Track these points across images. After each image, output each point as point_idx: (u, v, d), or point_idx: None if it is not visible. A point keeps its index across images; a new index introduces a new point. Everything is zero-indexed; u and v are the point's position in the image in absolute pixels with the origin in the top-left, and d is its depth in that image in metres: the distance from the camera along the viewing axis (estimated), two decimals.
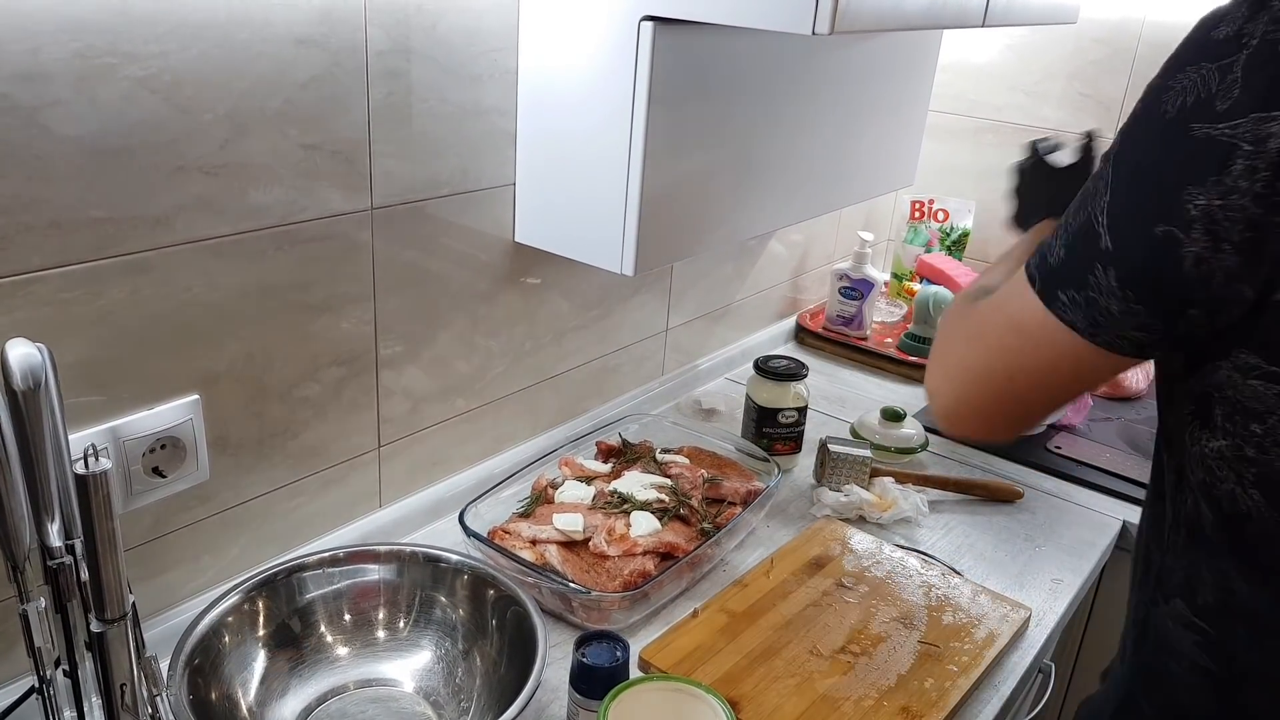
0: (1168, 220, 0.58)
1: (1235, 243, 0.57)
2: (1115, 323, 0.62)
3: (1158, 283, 0.60)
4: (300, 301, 0.93)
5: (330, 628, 0.92)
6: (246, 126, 0.83)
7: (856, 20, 0.85)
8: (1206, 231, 0.57)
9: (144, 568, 0.89)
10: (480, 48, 1.00)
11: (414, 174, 0.99)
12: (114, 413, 0.82)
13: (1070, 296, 0.63)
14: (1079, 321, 0.63)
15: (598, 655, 0.83)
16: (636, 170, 0.98)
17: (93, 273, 0.77)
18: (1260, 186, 0.55)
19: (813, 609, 1.03)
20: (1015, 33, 1.71)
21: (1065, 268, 0.64)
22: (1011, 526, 1.25)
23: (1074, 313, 0.63)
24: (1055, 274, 0.64)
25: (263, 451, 0.95)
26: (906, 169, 1.52)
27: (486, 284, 1.12)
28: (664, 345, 1.48)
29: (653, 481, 1.14)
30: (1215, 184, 0.56)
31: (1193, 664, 0.69)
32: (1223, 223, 0.57)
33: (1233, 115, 0.56)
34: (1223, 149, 0.56)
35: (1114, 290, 0.61)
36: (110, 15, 0.72)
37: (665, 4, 0.91)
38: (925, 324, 1.65)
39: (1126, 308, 0.61)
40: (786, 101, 1.16)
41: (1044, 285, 0.65)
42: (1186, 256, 0.58)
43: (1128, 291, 0.61)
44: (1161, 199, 0.59)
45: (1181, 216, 0.58)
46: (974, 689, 0.95)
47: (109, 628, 0.63)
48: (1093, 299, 0.62)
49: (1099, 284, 0.62)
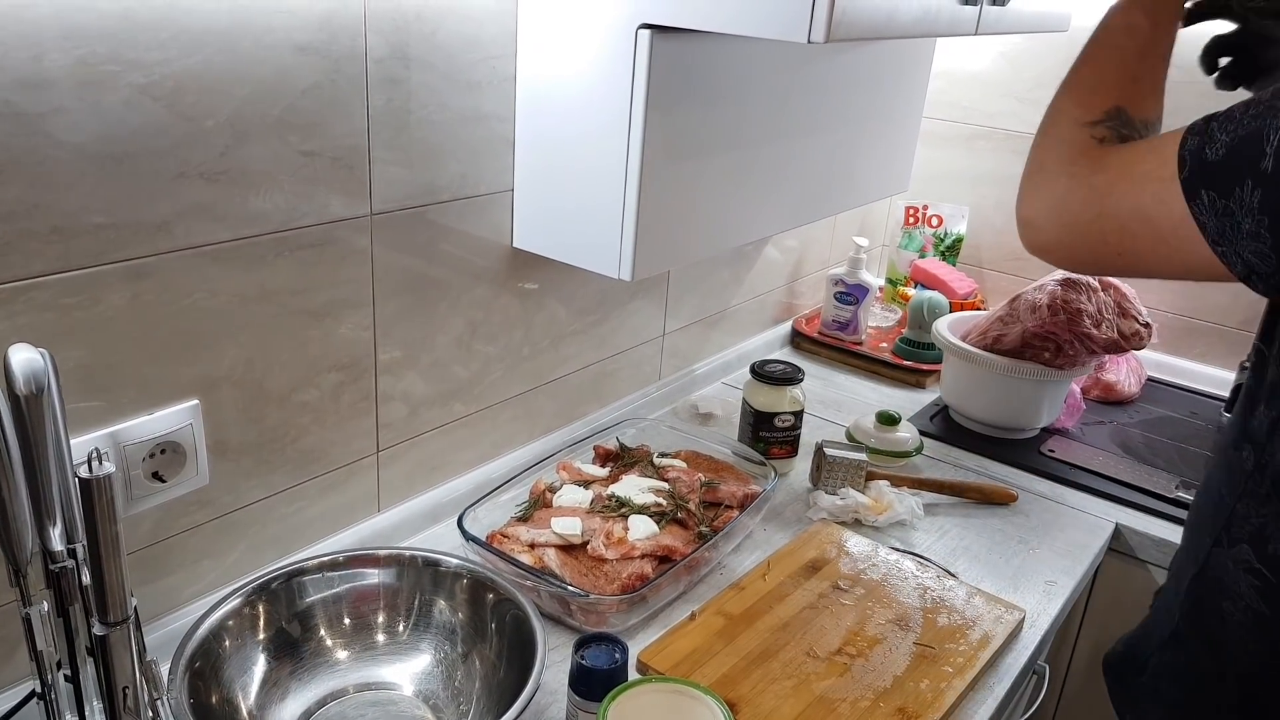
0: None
1: None
2: (1241, 240, 0.62)
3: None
4: (300, 307, 0.93)
5: (330, 631, 0.93)
6: (247, 133, 0.83)
7: (851, 29, 0.86)
8: None
9: (144, 572, 0.89)
10: (479, 55, 1.01)
11: (413, 180, 0.99)
12: (114, 418, 0.82)
13: (1211, 198, 0.63)
14: (1209, 224, 0.64)
15: (596, 657, 0.83)
16: (634, 176, 0.99)
17: (94, 278, 0.78)
18: None
19: (809, 611, 1.03)
20: (1008, 40, 1.73)
21: (1221, 169, 0.63)
22: (1006, 529, 1.25)
23: (1208, 215, 0.64)
24: (1208, 172, 0.64)
25: (262, 456, 0.95)
26: (901, 175, 1.53)
27: (484, 289, 1.12)
28: (661, 350, 1.48)
29: (650, 485, 1.15)
30: None
31: (1248, 607, 0.70)
32: None
33: None
34: None
35: (1253, 209, 0.61)
36: (112, 22, 0.73)
37: (662, 12, 0.92)
38: (920, 329, 1.66)
39: (1256, 231, 0.61)
40: (782, 108, 1.17)
41: (1190, 177, 0.65)
42: None
43: (1263, 217, 0.61)
44: None
45: None
46: (969, 690, 0.96)
47: (111, 631, 0.64)
48: (1230, 209, 0.62)
49: (1242, 198, 0.62)
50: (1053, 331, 1.38)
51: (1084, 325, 1.37)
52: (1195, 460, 1.45)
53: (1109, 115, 0.77)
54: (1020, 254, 1.82)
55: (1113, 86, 0.78)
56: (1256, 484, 0.71)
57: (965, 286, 1.77)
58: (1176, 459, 1.45)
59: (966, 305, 1.73)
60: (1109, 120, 0.77)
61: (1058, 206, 0.75)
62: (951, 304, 1.70)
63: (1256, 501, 0.71)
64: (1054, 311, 1.38)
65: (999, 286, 1.84)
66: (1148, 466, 1.42)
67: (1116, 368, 1.63)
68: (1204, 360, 1.71)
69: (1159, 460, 1.44)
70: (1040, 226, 0.77)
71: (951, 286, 1.75)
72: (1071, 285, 1.40)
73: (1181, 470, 1.41)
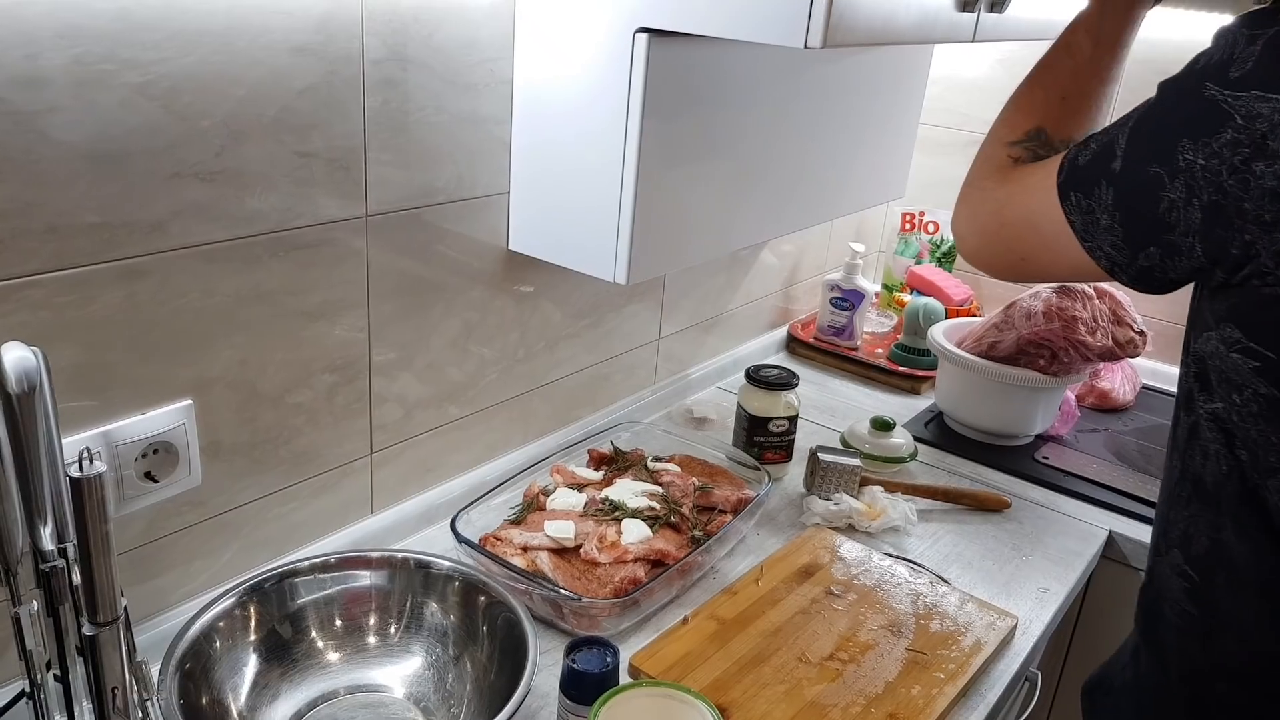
0: (1160, 163, 0.64)
1: (1203, 202, 0.62)
2: (1100, 234, 0.70)
3: (1136, 213, 0.67)
4: (294, 308, 0.93)
5: (321, 633, 0.92)
6: (243, 133, 0.83)
7: (848, 34, 0.86)
8: (1185, 185, 0.63)
9: (136, 572, 0.89)
10: (476, 57, 1.01)
11: (409, 182, 0.99)
12: (107, 417, 0.82)
13: (1078, 198, 0.71)
14: (1077, 223, 0.71)
15: (588, 661, 0.83)
16: (630, 180, 0.99)
17: (88, 277, 0.77)
18: (1238, 161, 0.60)
19: (801, 616, 1.03)
20: (1006, 47, 1.73)
21: (1085, 171, 0.71)
22: (999, 536, 1.26)
23: (1076, 214, 0.71)
24: (1076, 175, 0.72)
25: (255, 457, 0.95)
26: (898, 181, 1.53)
27: (480, 291, 1.12)
28: (656, 354, 1.48)
29: (644, 489, 1.15)
30: (1204, 145, 0.62)
31: (1182, 610, 0.74)
32: (1200, 180, 0.62)
33: (1239, 86, 0.60)
34: (1220, 115, 0.61)
35: (1107, 206, 0.69)
36: (108, 22, 0.73)
37: (660, 17, 0.92)
38: (915, 335, 1.67)
39: (1110, 225, 0.69)
40: (779, 113, 1.17)
41: (1065, 180, 0.73)
42: (1163, 199, 0.64)
43: (1115, 212, 0.68)
44: (1163, 143, 0.64)
45: (1172, 164, 0.64)
46: (960, 697, 0.96)
47: (101, 631, 0.63)
48: (1091, 207, 0.70)
49: (1100, 197, 0.69)
50: (1047, 339, 1.38)
51: (1079, 332, 1.37)
52: None
53: (1029, 135, 0.84)
54: None
55: (1040, 106, 0.85)
56: (1180, 489, 0.74)
57: (961, 293, 1.78)
58: None
59: (962, 312, 1.73)
60: (1028, 140, 0.83)
61: (974, 218, 0.83)
62: (947, 310, 1.70)
63: (1181, 505, 0.74)
64: (1049, 319, 1.38)
65: (995, 293, 1.84)
66: (1142, 474, 1.42)
67: (1111, 375, 1.64)
68: None
69: (1153, 468, 1.44)
70: (963, 236, 0.85)
71: (947, 293, 1.76)
72: (1066, 293, 1.40)
73: None
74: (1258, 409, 0.65)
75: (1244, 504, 0.68)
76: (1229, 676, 0.73)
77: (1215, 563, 0.71)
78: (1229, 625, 0.72)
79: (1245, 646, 0.71)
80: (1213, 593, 0.72)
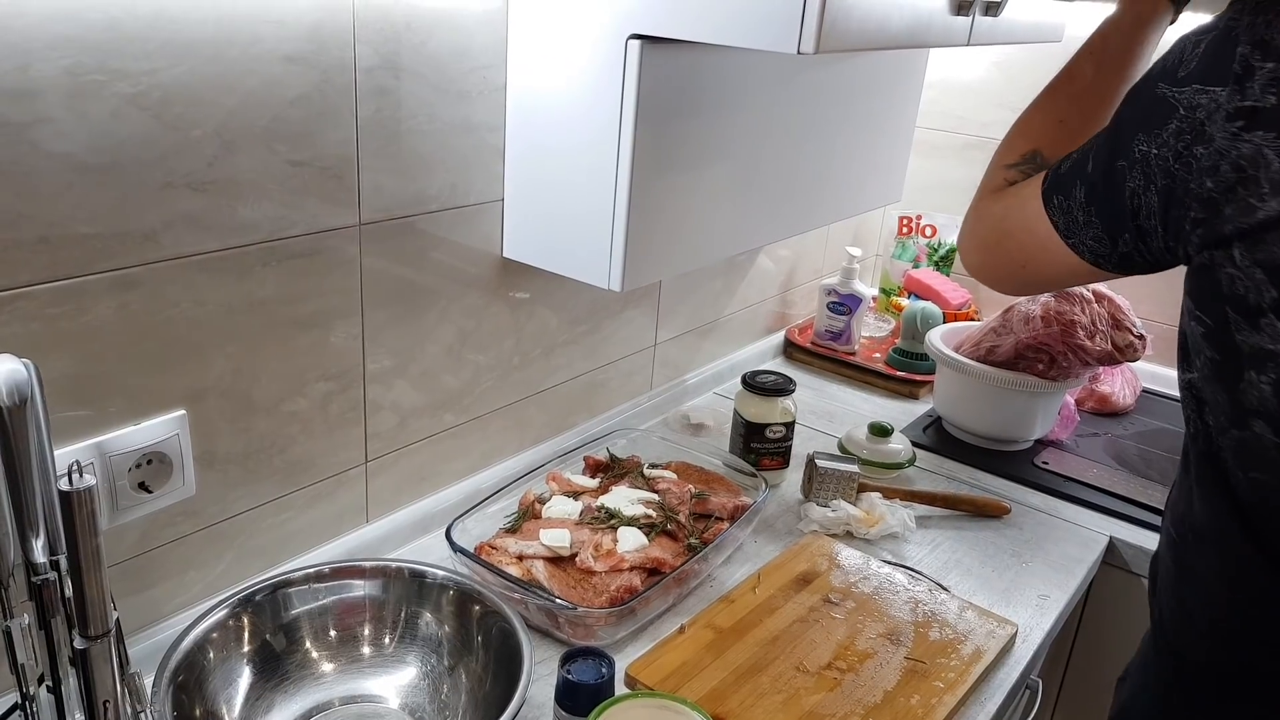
0: (1124, 156, 0.72)
1: (1158, 187, 0.69)
2: (1080, 230, 0.78)
3: (1107, 205, 0.74)
4: (288, 316, 0.93)
5: (315, 644, 0.92)
6: (235, 143, 0.83)
7: (841, 40, 0.85)
8: (1142, 173, 0.70)
9: (130, 583, 0.88)
10: (469, 65, 1.01)
11: (403, 190, 0.99)
12: (100, 428, 0.82)
13: (1059, 201, 0.79)
14: (1060, 223, 0.80)
15: (583, 672, 0.83)
16: (624, 187, 0.99)
17: (80, 288, 0.77)
18: (1181, 146, 0.67)
19: (799, 625, 1.03)
20: (1002, 50, 1.73)
21: (1064, 178, 0.79)
22: (999, 542, 1.25)
23: (1058, 215, 0.80)
24: (1057, 180, 0.80)
25: (249, 466, 0.95)
26: (894, 185, 1.53)
27: (475, 299, 1.12)
28: (652, 360, 1.48)
29: (640, 497, 1.14)
30: (1155, 136, 0.69)
31: (1167, 569, 0.82)
32: (1153, 167, 0.69)
33: (1184, 82, 0.68)
34: (1167, 108, 0.69)
35: (1082, 203, 0.77)
36: (99, 32, 0.72)
37: (652, 23, 0.92)
38: (913, 339, 1.66)
39: (1088, 219, 0.77)
40: (774, 118, 1.17)
41: (1048, 187, 0.81)
42: (1126, 189, 0.72)
43: (1090, 207, 0.76)
44: (1126, 139, 0.72)
45: (1129, 156, 0.71)
46: (960, 705, 0.95)
47: (92, 645, 0.63)
48: (1070, 207, 0.78)
49: (1076, 196, 0.78)
50: (1046, 343, 1.38)
51: (1077, 337, 1.36)
52: None
53: (1024, 158, 0.90)
54: None
55: (1038, 130, 0.92)
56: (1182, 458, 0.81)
57: (959, 297, 1.77)
58: (1171, 472, 1.44)
59: (960, 316, 1.73)
60: (1023, 163, 0.90)
61: (975, 235, 0.91)
62: (945, 314, 1.70)
63: (1179, 473, 0.81)
64: (1047, 323, 1.37)
65: (993, 297, 1.84)
66: (1142, 479, 1.41)
67: (1111, 379, 1.63)
68: None
69: (1153, 473, 1.44)
70: (968, 253, 0.93)
71: (945, 297, 1.75)
72: (1065, 297, 1.40)
73: None
74: (1210, 372, 0.71)
75: (1206, 464, 0.74)
76: (1197, 633, 0.78)
77: (1188, 523, 0.78)
78: (1190, 580, 0.78)
79: (1207, 604, 0.77)
80: (1186, 550, 0.78)
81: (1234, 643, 0.75)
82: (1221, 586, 0.75)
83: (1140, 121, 0.71)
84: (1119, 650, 1.32)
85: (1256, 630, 0.73)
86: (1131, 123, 0.72)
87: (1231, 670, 0.76)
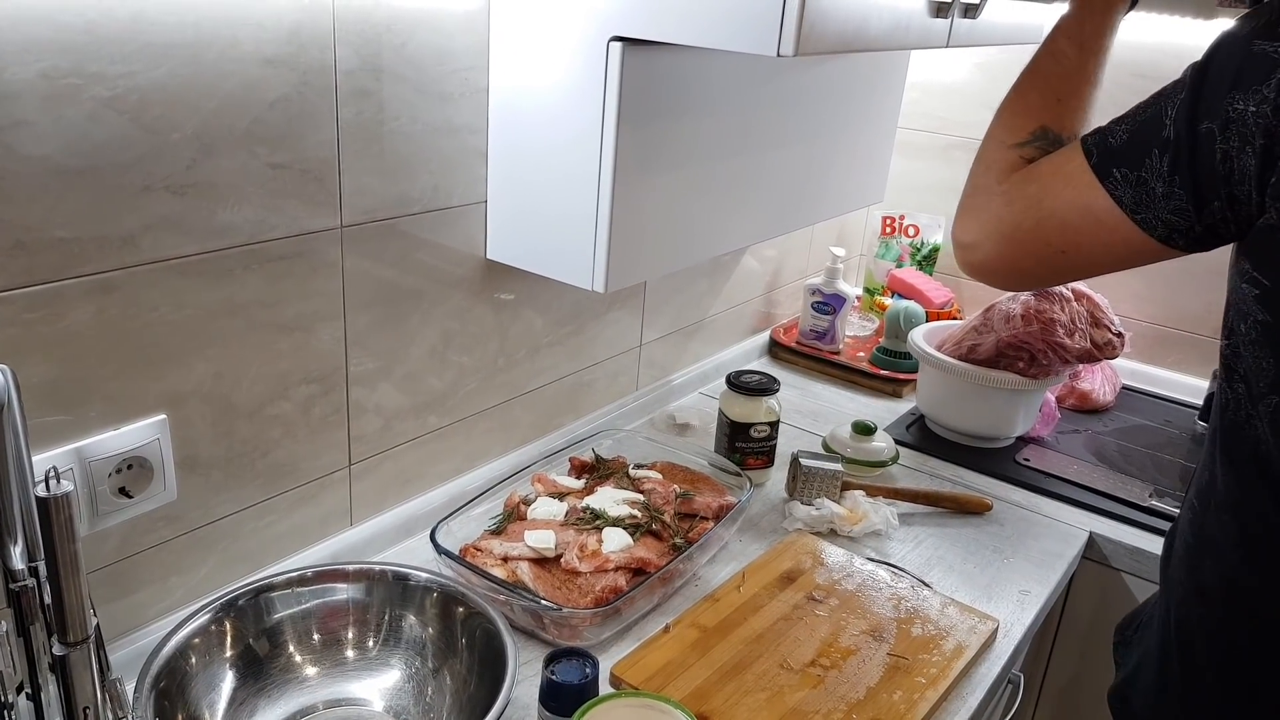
0: (1211, 118, 0.67)
1: (1256, 147, 0.65)
2: (1157, 203, 0.71)
3: (1195, 171, 0.69)
4: (269, 320, 0.93)
5: (299, 648, 0.92)
6: (214, 146, 0.83)
7: (820, 42, 0.86)
8: (1237, 133, 0.66)
9: (111, 589, 0.88)
10: (451, 66, 1.01)
11: (385, 192, 0.99)
12: (80, 433, 0.81)
13: (1124, 174, 0.73)
14: (1126, 197, 0.73)
15: (567, 672, 0.83)
16: (607, 188, 0.99)
17: (57, 293, 0.77)
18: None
19: (783, 623, 1.03)
20: (984, 52, 1.74)
21: (1127, 148, 0.73)
22: (980, 538, 1.26)
23: (1123, 189, 0.73)
24: (1115, 153, 0.73)
25: (232, 471, 0.94)
26: (877, 185, 1.54)
27: (459, 301, 1.12)
28: (638, 360, 1.48)
29: (625, 497, 1.15)
30: (1254, 93, 0.65)
31: (1185, 541, 0.81)
32: (1251, 127, 0.65)
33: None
34: (1269, 63, 0.65)
35: (1163, 173, 0.70)
36: (76, 35, 0.72)
37: (634, 25, 0.92)
38: (896, 338, 1.67)
39: (1169, 190, 0.71)
40: (756, 119, 1.17)
41: (1100, 160, 0.74)
42: (1218, 151, 0.67)
43: (1174, 176, 0.70)
44: (1213, 100, 0.68)
45: (1222, 116, 0.67)
46: (942, 700, 0.96)
47: (71, 651, 0.63)
48: (1143, 178, 0.72)
49: (1152, 166, 0.71)
50: (1026, 341, 1.39)
51: (1057, 335, 1.38)
52: (1170, 469, 1.46)
53: (1035, 135, 0.85)
54: None
55: (1036, 108, 0.87)
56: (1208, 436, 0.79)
57: (942, 296, 1.78)
58: (1151, 467, 1.46)
59: (943, 315, 1.74)
60: (1035, 140, 0.84)
61: (996, 223, 0.83)
62: (928, 313, 1.71)
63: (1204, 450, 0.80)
64: (1027, 321, 1.38)
65: (975, 296, 1.85)
66: (1122, 475, 1.42)
67: (1091, 376, 1.65)
68: (1178, 369, 1.72)
69: (1133, 468, 1.45)
70: (978, 245, 0.84)
71: (928, 296, 1.76)
72: (1045, 295, 1.41)
73: (1156, 478, 1.42)
74: (1257, 334, 0.69)
75: (1233, 434, 0.73)
76: (1206, 600, 0.78)
77: (1210, 493, 0.77)
78: (1210, 548, 0.77)
79: (1220, 568, 0.76)
80: (1205, 519, 0.77)
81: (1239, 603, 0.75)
82: (1240, 552, 0.74)
83: (1234, 80, 0.66)
84: (1099, 644, 1.33)
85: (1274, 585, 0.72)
86: (1223, 84, 0.67)
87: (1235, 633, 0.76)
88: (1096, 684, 1.35)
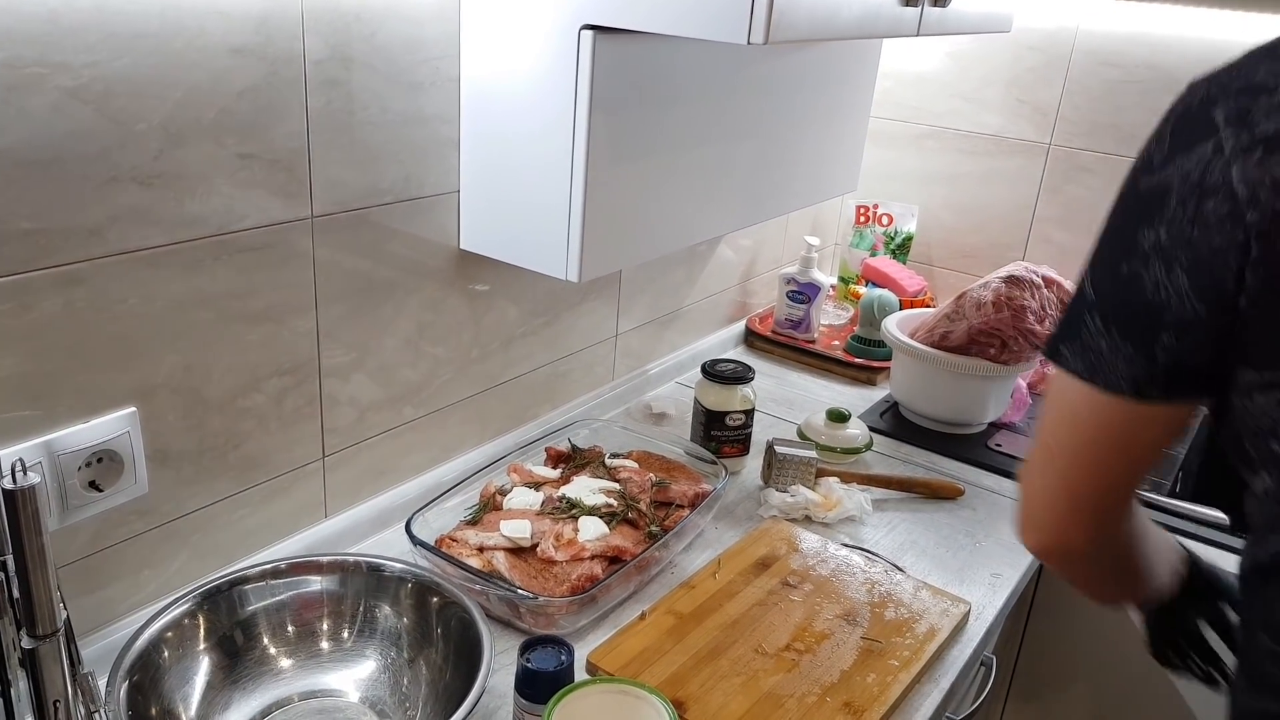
0: (1129, 258, 0.67)
1: (1182, 264, 0.64)
2: (1107, 362, 0.68)
3: (1131, 313, 0.67)
4: (239, 311, 0.92)
5: (273, 640, 0.92)
6: (181, 136, 0.82)
7: (790, 30, 0.86)
8: (1160, 259, 0.65)
9: (83, 583, 0.87)
10: (421, 55, 1.00)
11: (355, 182, 0.99)
12: (48, 427, 0.81)
13: (1069, 348, 0.71)
14: (1080, 368, 0.70)
15: (542, 660, 0.83)
16: (579, 177, 0.99)
17: (23, 285, 0.76)
18: (1191, 211, 0.63)
19: (758, 608, 1.04)
20: (955, 41, 1.75)
21: (1062, 326, 0.72)
22: (953, 523, 1.27)
23: (1074, 361, 0.70)
24: (1055, 336, 0.73)
25: (203, 464, 0.94)
26: (850, 174, 1.55)
27: (432, 291, 1.12)
28: (614, 350, 1.49)
29: (601, 486, 1.15)
30: (1159, 219, 0.65)
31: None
32: (1169, 249, 0.65)
33: (1165, 165, 0.65)
34: (1162, 190, 0.65)
35: (1100, 330, 0.69)
36: (39, 25, 0.71)
37: (604, 14, 0.92)
38: (871, 326, 1.68)
39: (1112, 344, 0.68)
40: (729, 108, 1.17)
41: (1048, 348, 0.73)
42: (1147, 284, 0.66)
43: (1111, 328, 0.68)
44: (1123, 243, 0.68)
45: (1139, 252, 0.66)
46: (915, 683, 0.97)
47: (40, 644, 0.63)
48: (1086, 343, 0.69)
49: (1089, 328, 0.69)
50: (997, 328, 1.40)
51: (1028, 321, 1.39)
52: None
53: None
54: (969, 251, 1.85)
55: None
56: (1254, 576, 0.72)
57: (915, 284, 1.80)
58: None
59: (916, 303, 1.75)
60: None
61: (1038, 497, 0.76)
62: (901, 302, 1.72)
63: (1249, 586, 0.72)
64: (998, 308, 1.40)
65: (948, 284, 1.87)
66: None
67: None
68: None
69: None
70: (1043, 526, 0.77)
71: (902, 284, 1.78)
72: (1015, 282, 1.42)
73: None
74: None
75: None
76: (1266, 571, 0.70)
77: None
78: None
79: None
80: None
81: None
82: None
83: (1137, 220, 0.66)
84: (1071, 627, 1.35)
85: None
86: (1129, 227, 0.67)
87: None
88: (1068, 667, 1.37)
